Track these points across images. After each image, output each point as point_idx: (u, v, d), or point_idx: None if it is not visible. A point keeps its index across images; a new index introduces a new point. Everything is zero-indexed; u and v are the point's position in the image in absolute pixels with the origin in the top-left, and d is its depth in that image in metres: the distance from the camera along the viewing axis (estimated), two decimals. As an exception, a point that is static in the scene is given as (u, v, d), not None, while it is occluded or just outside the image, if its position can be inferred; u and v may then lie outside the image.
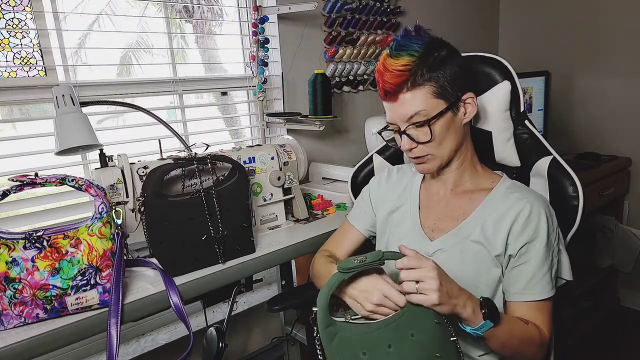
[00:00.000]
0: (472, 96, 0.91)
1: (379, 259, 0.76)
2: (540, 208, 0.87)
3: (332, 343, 0.77)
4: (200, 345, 1.27)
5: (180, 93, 1.58)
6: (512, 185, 0.94)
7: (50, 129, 1.18)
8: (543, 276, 0.86)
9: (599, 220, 2.36)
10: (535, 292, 0.86)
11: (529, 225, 0.86)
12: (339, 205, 1.50)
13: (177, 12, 1.66)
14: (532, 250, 0.86)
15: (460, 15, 2.50)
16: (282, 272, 1.71)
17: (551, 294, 0.87)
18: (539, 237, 0.86)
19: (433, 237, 0.95)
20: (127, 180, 1.09)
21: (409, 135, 0.89)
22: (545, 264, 0.86)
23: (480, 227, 0.89)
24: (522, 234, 0.86)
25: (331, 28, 1.87)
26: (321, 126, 1.55)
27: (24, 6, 1.25)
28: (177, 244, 1.03)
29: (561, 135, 2.53)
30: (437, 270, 0.74)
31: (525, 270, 0.86)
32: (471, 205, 0.93)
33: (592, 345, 2.21)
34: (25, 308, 0.87)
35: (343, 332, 0.78)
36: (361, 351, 0.76)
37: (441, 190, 0.99)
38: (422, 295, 0.73)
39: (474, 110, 0.92)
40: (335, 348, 0.77)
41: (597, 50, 2.38)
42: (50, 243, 0.88)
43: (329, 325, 0.77)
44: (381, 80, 0.87)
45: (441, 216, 0.96)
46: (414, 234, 0.97)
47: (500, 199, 0.91)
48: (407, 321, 0.75)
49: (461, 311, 0.75)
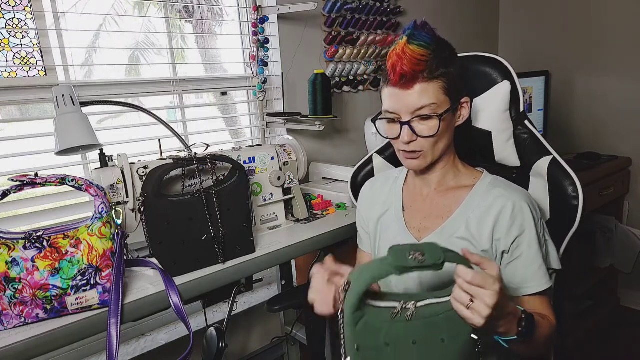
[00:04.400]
0: (468, 100, 0.93)
1: (439, 262, 0.65)
2: (522, 201, 0.88)
3: (357, 328, 0.72)
4: (200, 345, 1.27)
5: (180, 93, 1.58)
6: (493, 180, 0.95)
7: (50, 129, 1.18)
8: (539, 268, 0.87)
9: (599, 220, 2.36)
10: (534, 285, 0.87)
11: (516, 220, 0.86)
12: (339, 205, 1.50)
13: (177, 12, 1.66)
14: (523, 243, 0.87)
15: (460, 15, 2.50)
16: (282, 272, 1.71)
17: (550, 284, 0.88)
18: (527, 230, 0.86)
19: (420, 236, 0.95)
20: (127, 180, 1.09)
21: (412, 128, 0.88)
22: (538, 256, 0.87)
23: (464, 224, 0.90)
24: (510, 229, 0.86)
25: (331, 28, 1.87)
26: (321, 126, 1.55)
27: (24, 6, 1.25)
28: (177, 244, 1.03)
29: (561, 135, 2.53)
30: (498, 297, 0.65)
31: (520, 264, 0.87)
32: (455, 202, 0.94)
33: (592, 345, 2.21)
34: (25, 308, 0.87)
35: (369, 317, 0.72)
36: (384, 341, 0.71)
37: (425, 189, 0.99)
38: (468, 312, 0.66)
39: (467, 114, 0.93)
40: (358, 333, 0.72)
41: (597, 50, 2.38)
42: (50, 243, 0.88)
43: (358, 310, 0.71)
44: (399, 64, 0.84)
45: (426, 215, 0.97)
46: (401, 236, 0.97)
47: (482, 195, 0.92)
48: (442, 324, 0.70)
49: (500, 331, 0.72)
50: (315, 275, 0.84)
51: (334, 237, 1.31)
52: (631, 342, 2.23)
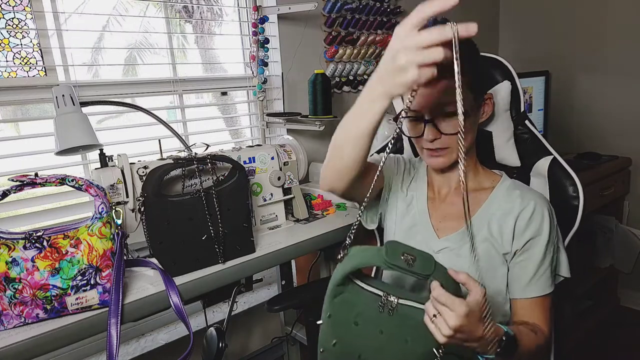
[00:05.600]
0: (491, 96, 0.92)
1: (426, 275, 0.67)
2: (543, 206, 0.88)
3: (334, 300, 0.75)
4: (200, 345, 1.27)
5: (180, 93, 1.58)
6: (512, 184, 0.94)
7: (50, 129, 1.18)
8: (544, 272, 0.86)
9: (599, 220, 2.36)
10: (537, 289, 0.87)
11: (533, 222, 0.86)
12: (339, 205, 1.50)
13: (177, 12, 1.66)
14: (535, 246, 0.86)
15: (460, 15, 2.49)
16: (282, 272, 1.71)
17: (551, 289, 0.88)
18: (542, 234, 0.86)
19: (439, 235, 0.94)
20: (127, 180, 1.09)
21: (436, 125, 0.87)
22: (546, 261, 0.87)
23: (486, 225, 0.90)
24: (526, 229, 0.86)
25: (331, 28, 1.87)
26: (321, 126, 1.55)
27: (24, 6, 1.25)
28: (177, 244, 1.03)
29: (561, 135, 2.53)
30: (462, 320, 0.64)
31: (528, 266, 0.86)
32: (475, 204, 0.93)
33: (592, 345, 2.21)
34: (25, 308, 0.87)
35: (348, 294, 0.75)
36: (354, 320, 0.74)
37: (444, 189, 0.98)
38: (432, 325, 0.67)
39: (490, 110, 0.92)
40: (334, 305, 0.75)
41: (597, 50, 2.38)
42: (50, 243, 0.88)
43: (340, 285, 0.74)
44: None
45: (446, 214, 0.96)
46: (422, 228, 0.96)
47: (503, 197, 0.91)
48: (413, 327, 0.71)
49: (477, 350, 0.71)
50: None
51: (334, 237, 1.31)
52: (631, 342, 2.23)
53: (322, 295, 0.78)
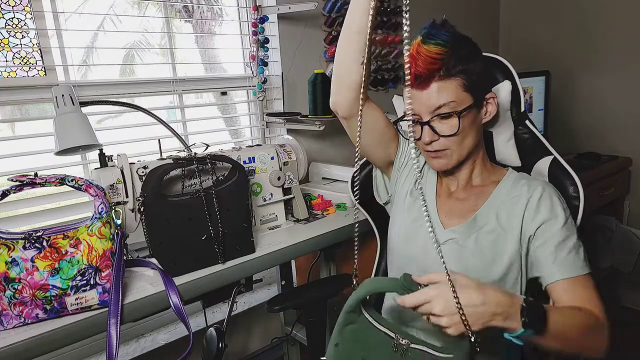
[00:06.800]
0: (494, 96, 0.92)
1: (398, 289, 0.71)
2: (552, 191, 0.88)
3: (345, 329, 0.75)
4: (200, 345, 1.27)
5: (180, 93, 1.58)
6: (519, 175, 0.96)
7: (50, 129, 1.18)
8: (569, 252, 0.84)
9: (599, 220, 2.36)
10: (566, 270, 0.83)
11: (542, 206, 0.86)
12: (339, 205, 1.50)
13: (176, 12, 1.65)
14: (551, 228, 0.85)
15: (460, 15, 2.50)
16: (282, 272, 1.71)
17: (585, 270, 0.84)
18: (557, 217, 0.85)
19: (445, 226, 0.94)
20: (126, 180, 1.08)
21: (432, 127, 0.88)
22: (569, 241, 0.84)
23: (494, 215, 0.90)
24: (537, 214, 0.86)
25: (331, 28, 1.87)
26: (321, 126, 1.55)
27: (24, 6, 1.25)
28: (177, 244, 1.03)
29: (561, 135, 2.53)
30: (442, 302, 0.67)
31: (547, 249, 0.84)
32: (482, 197, 0.94)
33: (592, 345, 2.20)
34: (25, 308, 0.87)
35: (359, 326, 0.74)
36: (362, 356, 0.73)
37: (452, 186, 0.99)
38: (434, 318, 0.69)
39: (494, 110, 0.92)
40: (344, 335, 0.74)
41: (598, 50, 2.38)
42: (50, 243, 0.88)
43: (353, 312, 0.74)
44: (414, 65, 0.85)
45: (453, 209, 0.96)
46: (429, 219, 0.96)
47: (509, 188, 0.92)
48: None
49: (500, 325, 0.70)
50: None
51: (334, 237, 1.31)
52: (631, 342, 2.23)
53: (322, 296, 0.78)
